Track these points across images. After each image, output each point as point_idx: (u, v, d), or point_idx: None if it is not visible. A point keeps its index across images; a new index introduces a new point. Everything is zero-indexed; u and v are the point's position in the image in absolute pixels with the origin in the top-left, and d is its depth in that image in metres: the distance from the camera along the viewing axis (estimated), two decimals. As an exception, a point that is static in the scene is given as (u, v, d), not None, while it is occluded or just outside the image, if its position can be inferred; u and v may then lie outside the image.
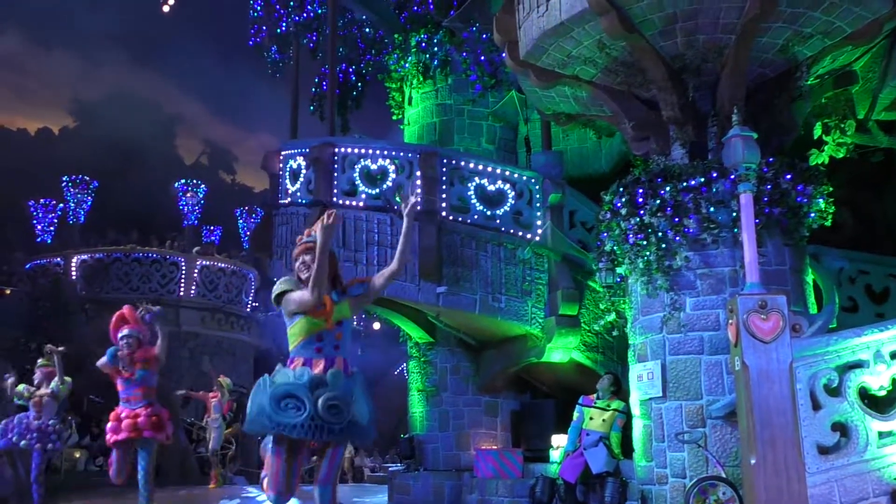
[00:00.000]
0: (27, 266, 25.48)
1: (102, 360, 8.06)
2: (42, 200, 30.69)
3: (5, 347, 19.75)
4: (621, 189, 8.61)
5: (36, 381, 10.16)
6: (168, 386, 16.52)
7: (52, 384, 9.97)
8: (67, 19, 57.18)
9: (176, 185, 35.41)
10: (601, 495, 8.95)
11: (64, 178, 29.99)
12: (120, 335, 8.05)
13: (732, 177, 7.42)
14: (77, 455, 18.05)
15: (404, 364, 24.06)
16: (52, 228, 30.74)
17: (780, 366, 6.46)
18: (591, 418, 9.28)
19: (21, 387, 10.24)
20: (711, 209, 8.04)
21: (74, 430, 16.15)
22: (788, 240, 8.13)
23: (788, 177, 7.99)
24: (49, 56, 59.14)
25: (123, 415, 8.03)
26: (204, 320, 24.52)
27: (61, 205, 30.23)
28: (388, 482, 13.39)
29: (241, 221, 36.43)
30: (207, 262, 25.25)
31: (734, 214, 7.79)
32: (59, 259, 24.35)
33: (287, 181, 12.36)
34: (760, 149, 7.13)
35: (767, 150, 8.10)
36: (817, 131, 9.70)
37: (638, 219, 8.34)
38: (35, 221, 30.99)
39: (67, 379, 10.08)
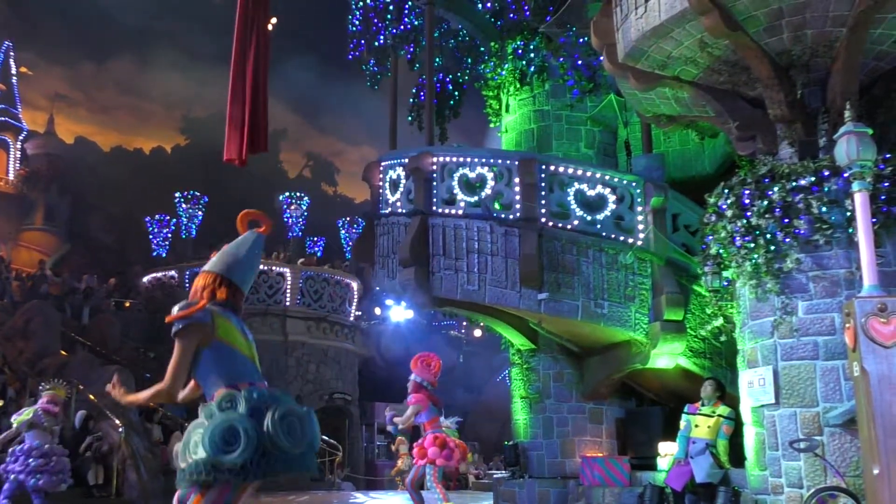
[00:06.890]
0: (144, 279, 26.77)
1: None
2: (157, 216, 32.25)
3: (126, 357, 20.83)
4: (726, 190, 8.40)
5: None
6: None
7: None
8: (177, 42, 59.91)
9: (280, 197, 36.52)
10: (712, 506, 8.74)
11: (176, 195, 31.40)
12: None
13: (846, 175, 7.13)
14: None
15: (506, 371, 24.10)
16: (166, 243, 32.26)
17: (903, 372, 6.16)
18: (696, 426, 9.10)
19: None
20: (823, 209, 7.75)
21: None
22: (909, 239, 7.75)
23: (907, 173, 7.62)
24: (161, 78, 62.12)
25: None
26: (310, 329, 25.10)
27: (174, 220, 31.67)
28: (492, 489, 13.40)
29: (343, 232, 37.29)
30: (312, 273, 25.84)
31: (848, 214, 7.49)
32: (173, 272, 25.40)
33: (387, 191, 12.56)
34: (876, 145, 6.85)
35: (884, 146, 7.77)
36: (939, 124, 9.21)
37: (745, 221, 8.12)
38: (151, 236, 32.60)
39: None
